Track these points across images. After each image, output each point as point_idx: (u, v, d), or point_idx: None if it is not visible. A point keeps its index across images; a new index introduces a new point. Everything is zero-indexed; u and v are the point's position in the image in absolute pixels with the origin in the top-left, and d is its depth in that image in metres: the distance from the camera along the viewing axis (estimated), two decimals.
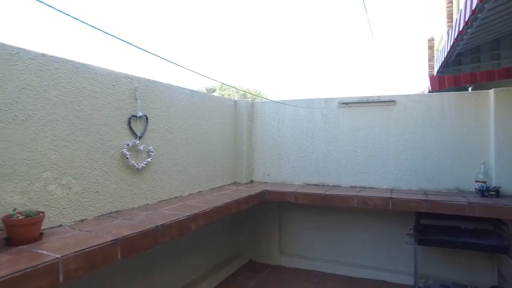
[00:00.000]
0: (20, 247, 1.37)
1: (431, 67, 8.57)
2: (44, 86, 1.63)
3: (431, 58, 8.67)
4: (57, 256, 1.25)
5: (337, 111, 3.24)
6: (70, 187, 1.75)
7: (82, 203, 1.82)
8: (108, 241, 1.45)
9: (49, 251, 1.31)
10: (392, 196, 2.58)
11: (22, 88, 1.54)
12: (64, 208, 1.72)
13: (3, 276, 1.07)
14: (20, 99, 1.53)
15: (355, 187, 3.13)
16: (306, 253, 3.41)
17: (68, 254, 1.28)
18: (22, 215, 1.44)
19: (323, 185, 3.25)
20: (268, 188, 3.08)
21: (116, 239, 1.48)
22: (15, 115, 1.51)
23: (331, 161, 3.25)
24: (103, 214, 1.94)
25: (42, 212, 1.50)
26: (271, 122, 3.50)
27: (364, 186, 3.12)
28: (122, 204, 2.06)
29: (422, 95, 3.15)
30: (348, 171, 3.18)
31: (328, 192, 2.84)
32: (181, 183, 2.58)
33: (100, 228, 1.67)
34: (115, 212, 2.01)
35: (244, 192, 2.84)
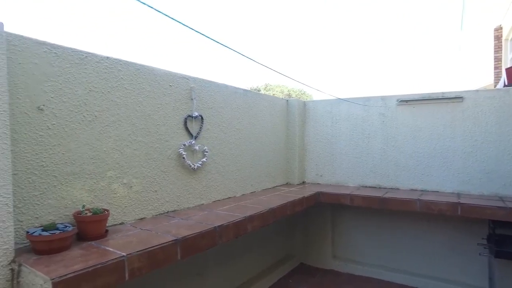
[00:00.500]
0: (89, 242, 1.43)
1: (497, 59, 7.82)
2: (108, 88, 1.69)
3: (497, 49, 7.90)
4: (123, 254, 1.27)
5: (395, 109, 3.04)
6: (131, 186, 1.80)
7: (142, 202, 1.86)
8: (168, 241, 1.45)
9: (115, 249, 1.34)
10: (461, 201, 2.35)
11: (89, 90, 1.61)
12: (125, 207, 1.77)
13: (78, 270, 1.11)
14: (88, 101, 1.60)
15: (416, 190, 2.92)
16: (360, 258, 3.25)
17: (132, 252, 1.30)
18: (90, 212, 1.50)
19: (379, 187, 3.07)
20: (322, 189, 2.97)
21: (176, 239, 1.49)
22: (83, 116, 1.58)
23: (388, 162, 3.06)
24: (161, 213, 1.97)
25: (107, 210, 1.55)
26: (324, 122, 3.38)
27: (425, 189, 2.89)
28: (178, 203, 2.08)
29: (496, 90, 2.85)
30: (407, 173, 2.97)
31: (386, 195, 2.66)
32: (234, 184, 2.57)
33: (159, 227, 1.69)
34: (172, 211, 2.04)
35: (297, 193, 2.76)
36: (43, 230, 1.32)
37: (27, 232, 1.32)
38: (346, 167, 3.27)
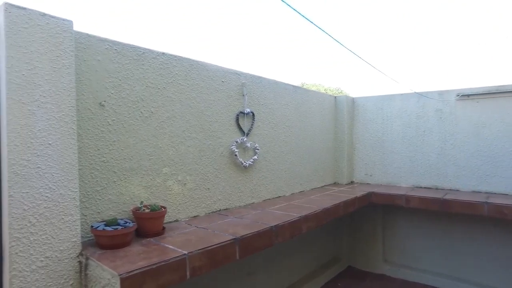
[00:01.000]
0: (148, 239, 1.41)
1: None
2: (163, 84, 1.68)
3: None
4: (184, 252, 1.24)
5: (454, 104, 2.81)
6: (185, 183, 1.78)
7: (195, 200, 1.84)
8: (227, 240, 1.41)
9: (175, 246, 1.31)
10: None
11: (146, 86, 1.60)
12: (179, 204, 1.76)
13: (142, 267, 1.09)
14: (145, 96, 1.60)
15: (479, 192, 2.68)
16: (415, 264, 3.05)
17: (194, 251, 1.26)
18: (148, 208, 1.49)
19: (436, 189, 2.86)
20: (374, 189, 2.82)
21: (235, 238, 1.44)
22: (141, 112, 1.58)
23: (447, 162, 2.84)
24: (213, 212, 1.94)
25: (164, 207, 1.53)
26: (374, 119, 3.22)
27: (491, 191, 2.65)
28: (230, 202, 2.05)
29: None
30: (469, 173, 2.74)
31: (447, 197, 2.46)
32: (284, 182, 2.50)
33: (214, 225, 1.66)
34: (224, 209, 2.00)
35: (349, 193, 2.63)
36: (106, 225, 1.33)
37: (92, 226, 1.33)
38: (398, 167, 3.09)
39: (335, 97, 3.22)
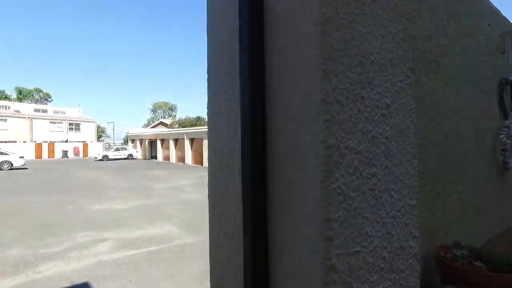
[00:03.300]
0: None
1: None
2: (447, 14, 0.90)
3: None
4: None
5: None
6: (463, 200, 0.99)
7: (462, 229, 1.03)
8: None
9: None
10: None
11: (432, 14, 0.83)
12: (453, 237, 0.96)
13: None
14: (432, 35, 0.82)
15: None
16: None
17: None
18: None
19: None
20: None
21: None
22: (429, 62, 0.81)
23: None
24: None
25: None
26: None
27: None
28: (482, 234, 1.22)
29: None
30: None
31: None
32: None
33: None
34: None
35: None
36: None
37: None
38: None
39: None
